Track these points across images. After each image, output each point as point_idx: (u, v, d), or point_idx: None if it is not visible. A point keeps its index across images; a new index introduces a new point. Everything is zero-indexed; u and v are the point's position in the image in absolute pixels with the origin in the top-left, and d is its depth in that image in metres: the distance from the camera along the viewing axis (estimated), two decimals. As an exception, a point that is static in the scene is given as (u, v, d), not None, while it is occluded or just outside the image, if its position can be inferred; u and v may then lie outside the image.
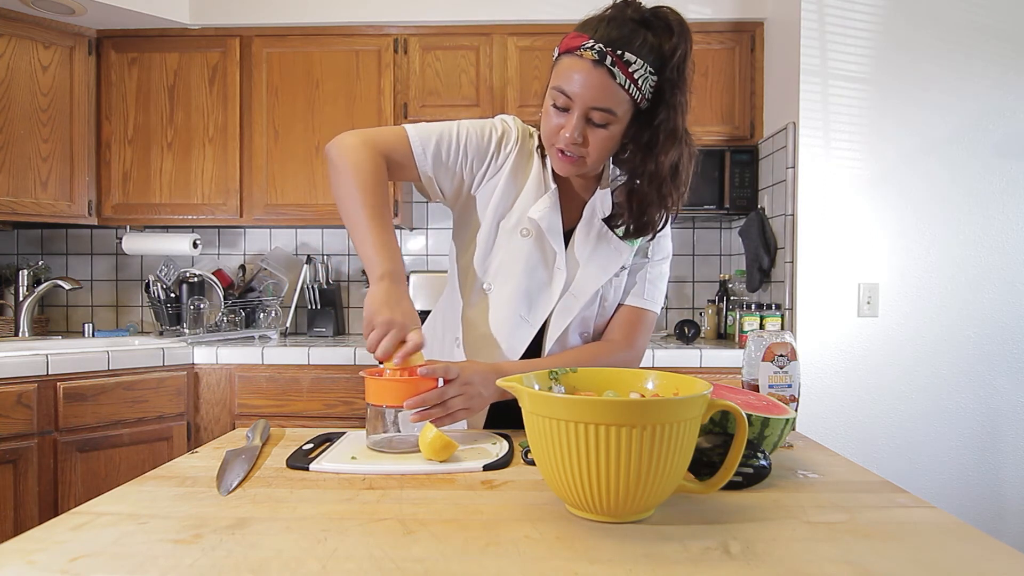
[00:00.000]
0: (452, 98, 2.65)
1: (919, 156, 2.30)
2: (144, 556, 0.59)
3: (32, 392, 2.00)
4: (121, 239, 2.79)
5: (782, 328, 2.40)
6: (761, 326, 2.42)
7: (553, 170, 1.13)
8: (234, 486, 0.78)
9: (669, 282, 1.28)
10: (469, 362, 1.02)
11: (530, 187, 1.14)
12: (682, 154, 1.04)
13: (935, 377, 2.30)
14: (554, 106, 1.02)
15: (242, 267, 2.95)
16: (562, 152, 1.04)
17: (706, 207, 2.60)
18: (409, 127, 1.11)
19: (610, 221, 1.13)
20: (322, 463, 0.86)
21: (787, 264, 2.37)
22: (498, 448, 0.94)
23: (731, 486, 0.77)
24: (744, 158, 2.60)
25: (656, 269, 1.21)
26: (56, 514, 1.99)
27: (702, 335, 2.79)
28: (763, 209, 2.55)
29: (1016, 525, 2.31)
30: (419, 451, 0.92)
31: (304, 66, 2.66)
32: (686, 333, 2.56)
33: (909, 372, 2.30)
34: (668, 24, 0.98)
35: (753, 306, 2.46)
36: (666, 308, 2.96)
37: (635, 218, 1.10)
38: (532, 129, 1.19)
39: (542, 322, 1.14)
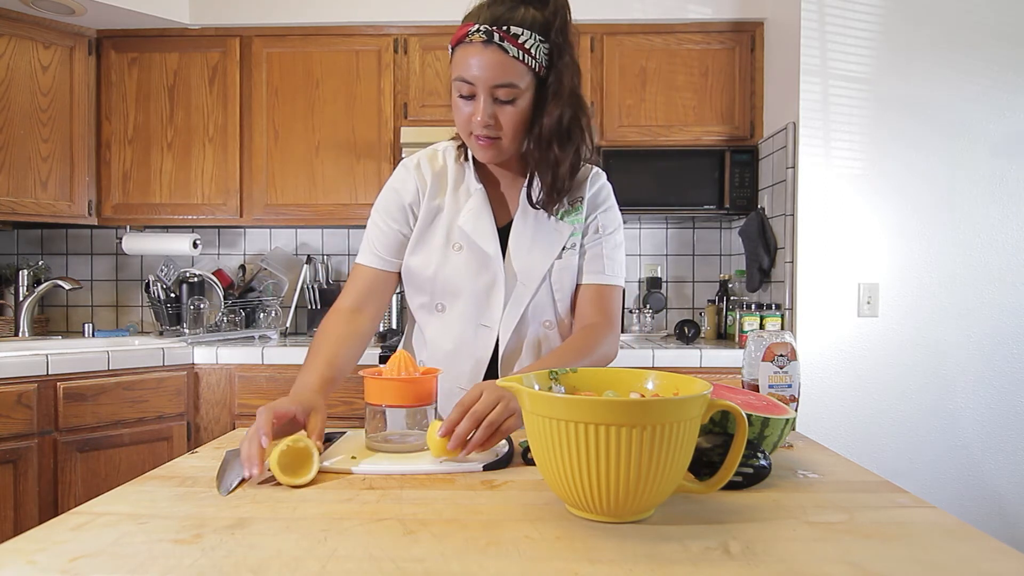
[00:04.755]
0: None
1: (919, 156, 2.30)
2: (144, 556, 0.59)
3: (32, 392, 2.00)
4: (121, 239, 2.79)
5: (782, 328, 2.40)
6: (761, 326, 2.42)
7: (476, 172, 1.16)
8: (234, 486, 0.78)
9: (669, 282, 1.29)
10: (498, 387, 0.92)
11: (451, 201, 1.17)
12: (566, 113, 1.05)
13: (935, 377, 2.30)
14: (460, 96, 1.04)
15: (242, 267, 2.95)
16: (479, 138, 1.06)
17: (706, 207, 2.60)
18: (357, 259, 1.21)
19: (530, 201, 1.15)
20: (322, 463, 0.86)
21: (787, 264, 2.37)
22: (498, 448, 0.94)
23: (731, 486, 0.77)
24: (744, 158, 2.60)
25: (611, 242, 1.21)
26: (56, 514, 1.99)
27: (702, 335, 2.79)
28: (763, 209, 2.55)
29: (1016, 525, 2.31)
30: (419, 451, 0.92)
31: (304, 66, 2.66)
32: (686, 333, 2.56)
33: (909, 372, 2.30)
34: None
35: (753, 306, 2.46)
36: (666, 308, 2.96)
37: (540, 187, 1.11)
38: (436, 147, 1.22)
39: (498, 323, 1.15)
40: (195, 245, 2.77)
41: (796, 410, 0.97)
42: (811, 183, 2.31)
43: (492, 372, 1.17)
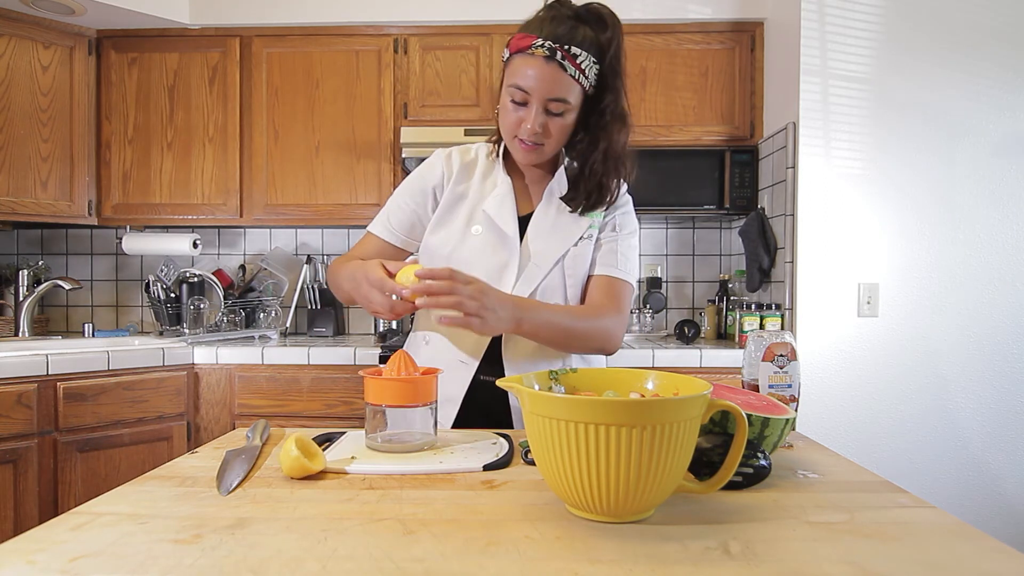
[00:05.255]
0: (452, 98, 2.65)
1: (919, 156, 2.30)
2: (144, 556, 0.59)
3: (32, 392, 2.00)
4: (121, 239, 2.79)
5: (782, 328, 2.40)
6: (761, 326, 2.42)
7: (504, 166, 1.24)
8: (234, 486, 0.78)
9: (669, 282, 1.32)
10: (484, 282, 1.05)
11: (477, 188, 1.24)
12: (627, 132, 1.17)
13: (935, 377, 2.30)
14: (512, 102, 1.12)
15: (242, 267, 2.95)
16: (523, 142, 1.13)
17: (706, 207, 2.60)
18: (370, 227, 1.29)
19: (567, 201, 1.22)
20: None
21: (787, 264, 2.37)
22: (498, 448, 0.94)
23: (731, 486, 0.77)
24: (744, 158, 2.60)
25: (626, 242, 1.26)
26: (56, 514, 1.99)
27: (702, 335, 2.79)
28: (763, 209, 2.55)
29: (1016, 525, 2.31)
30: (419, 451, 0.92)
31: (304, 66, 2.66)
32: (686, 333, 2.56)
33: (909, 372, 2.30)
34: (601, 18, 1.10)
35: (753, 306, 2.46)
36: (666, 308, 2.96)
37: (592, 193, 1.20)
38: (471, 145, 1.31)
39: None
40: (195, 245, 2.77)
41: (796, 410, 0.97)
42: (811, 183, 2.31)
43: (495, 347, 1.19)
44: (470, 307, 0.98)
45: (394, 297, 1.04)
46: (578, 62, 1.06)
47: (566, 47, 1.05)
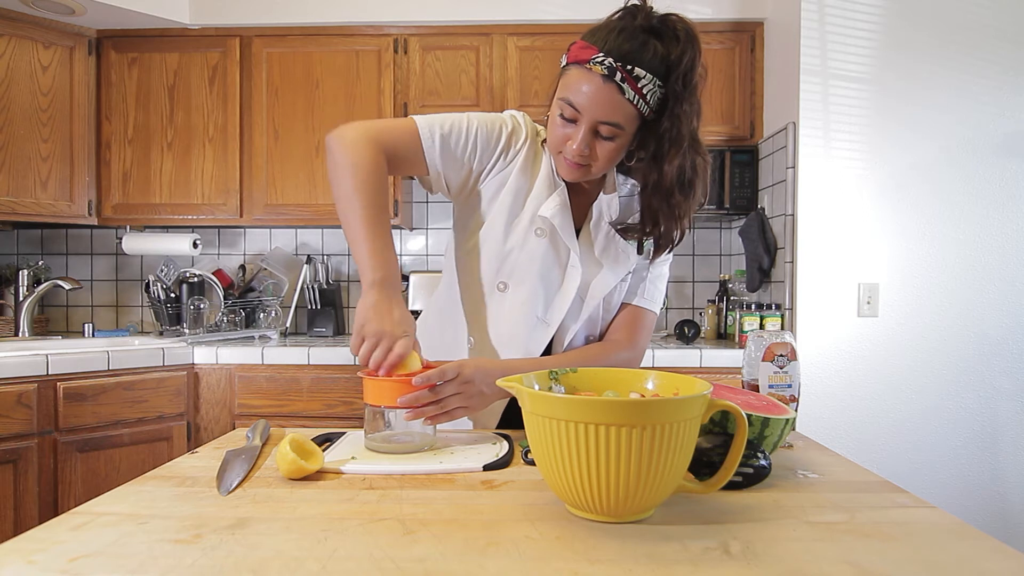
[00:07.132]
0: (452, 98, 2.65)
1: (919, 156, 2.30)
2: (144, 556, 0.59)
3: (32, 392, 2.00)
4: (121, 239, 2.79)
5: (782, 328, 2.40)
6: (761, 326, 2.42)
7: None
8: (234, 486, 0.78)
9: (669, 282, 1.30)
10: (473, 360, 1.01)
11: (540, 185, 1.13)
12: (689, 162, 1.03)
13: (935, 377, 2.30)
14: (561, 116, 1.02)
15: (242, 267, 2.95)
16: (567, 159, 1.04)
17: (706, 207, 2.60)
18: (418, 118, 1.08)
19: (625, 233, 1.13)
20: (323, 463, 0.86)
21: (787, 264, 2.37)
22: (498, 448, 0.94)
23: (731, 486, 0.77)
24: (744, 158, 2.60)
25: (657, 270, 1.21)
26: (56, 514, 1.99)
27: (702, 335, 2.79)
28: (763, 209, 2.55)
29: (1016, 525, 2.30)
30: (419, 451, 0.92)
31: (304, 66, 2.66)
32: (686, 333, 2.56)
33: (909, 372, 2.30)
34: (675, 33, 0.97)
35: (753, 306, 2.46)
36: (666, 308, 2.96)
37: (651, 231, 1.10)
38: (540, 127, 1.18)
39: (558, 323, 1.14)
40: (195, 245, 2.77)
41: (796, 410, 0.97)
42: (811, 183, 2.31)
43: (546, 353, 1.16)
44: (451, 405, 0.95)
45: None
46: (639, 85, 0.96)
47: (628, 68, 0.94)
